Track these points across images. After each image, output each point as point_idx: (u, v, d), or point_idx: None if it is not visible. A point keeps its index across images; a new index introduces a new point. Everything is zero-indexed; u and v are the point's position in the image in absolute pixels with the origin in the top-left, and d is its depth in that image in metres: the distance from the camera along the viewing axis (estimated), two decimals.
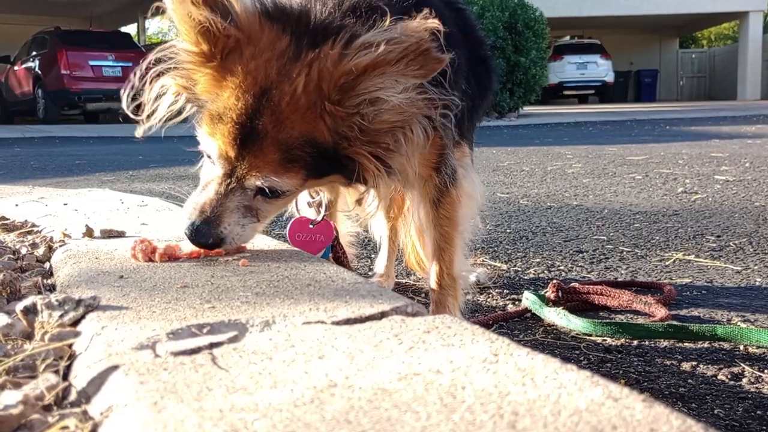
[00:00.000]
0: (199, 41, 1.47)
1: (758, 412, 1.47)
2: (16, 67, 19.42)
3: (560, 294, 2.19)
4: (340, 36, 1.43)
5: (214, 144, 1.52)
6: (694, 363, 1.75)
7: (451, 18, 1.74)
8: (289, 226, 1.92)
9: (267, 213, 1.59)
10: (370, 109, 1.42)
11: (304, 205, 1.96)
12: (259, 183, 1.49)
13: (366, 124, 1.44)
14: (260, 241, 1.83)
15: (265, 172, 1.47)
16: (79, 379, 0.98)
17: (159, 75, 1.58)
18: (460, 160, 1.95)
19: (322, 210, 1.91)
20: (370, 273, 2.61)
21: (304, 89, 1.42)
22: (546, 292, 2.21)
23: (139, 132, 1.65)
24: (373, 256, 2.85)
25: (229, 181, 1.52)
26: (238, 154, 1.48)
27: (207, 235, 1.52)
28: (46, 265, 1.80)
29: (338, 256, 1.98)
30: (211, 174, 1.57)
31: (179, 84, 1.58)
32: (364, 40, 1.39)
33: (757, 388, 1.59)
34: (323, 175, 1.54)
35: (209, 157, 1.58)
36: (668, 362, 1.76)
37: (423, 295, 2.39)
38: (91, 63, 17.37)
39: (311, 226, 1.91)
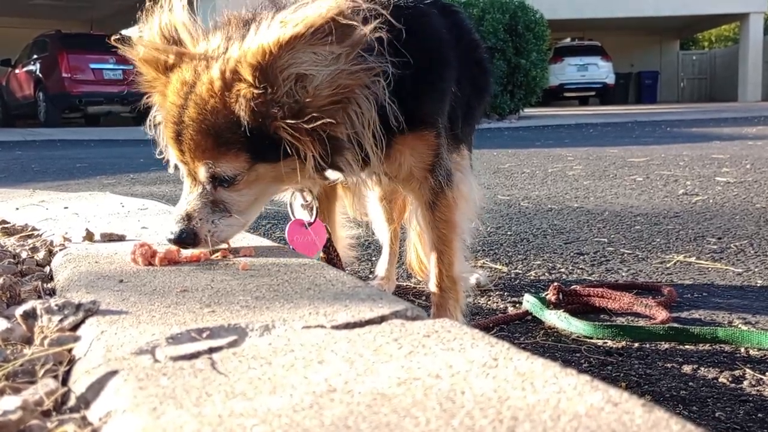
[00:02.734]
0: (148, 69, 1.64)
1: (759, 414, 1.47)
2: (17, 71, 19.43)
3: (561, 296, 2.18)
4: (264, 20, 1.49)
5: (169, 149, 1.65)
6: (695, 366, 1.75)
7: (443, 22, 1.74)
8: (287, 228, 1.93)
9: (235, 205, 1.62)
10: (297, 84, 1.45)
11: (298, 207, 1.97)
12: (204, 170, 1.56)
13: (299, 101, 1.46)
14: (260, 244, 1.83)
15: (204, 159, 1.55)
16: (79, 384, 0.97)
17: (155, 118, 1.76)
18: (458, 162, 1.96)
19: (314, 212, 1.92)
20: (370, 276, 2.61)
21: (221, 75, 1.49)
22: (546, 295, 2.21)
23: (171, 169, 1.79)
24: (373, 258, 2.84)
25: (190, 180, 1.62)
26: (181, 150, 1.58)
27: (180, 233, 1.59)
28: (46, 269, 1.80)
29: (331, 259, 1.98)
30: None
31: (159, 116, 1.72)
32: (277, 20, 1.44)
33: (758, 390, 1.59)
34: (275, 159, 1.54)
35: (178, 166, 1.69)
36: (669, 365, 1.76)
37: (424, 298, 2.39)
38: (92, 66, 17.39)
39: (306, 227, 1.92)
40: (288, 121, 1.46)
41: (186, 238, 1.59)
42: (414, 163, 1.74)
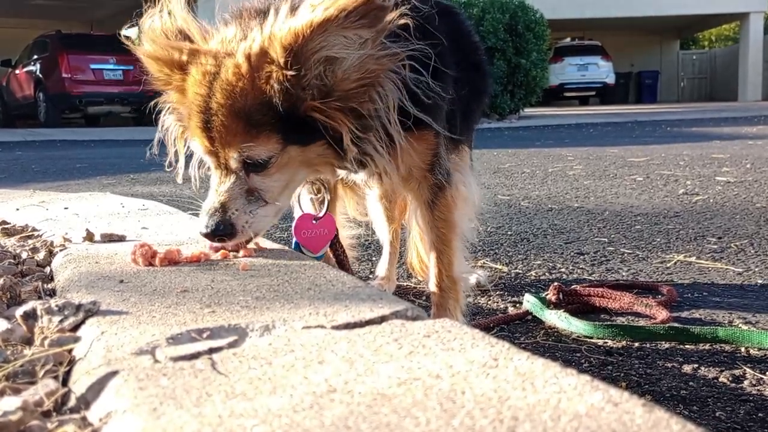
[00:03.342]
0: (160, 67, 1.62)
1: (760, 414, 1.47)
2: (17, 71, 19.44)
3: (561, 296, 2.18)
4: (282, 6, 1.49)
5: (196, 143, 1.61)
6: (696, 365, 1.75)
7: (442, 23, 1.74)
8: (294, 223, 1.93)
9: (269, 191, 1.60)
10: (327, 68, 1.46)
11: (306, 201, 1.97)
12: (237, 156, 1.54)
13: (328, 84, 1.47)
14: (260, 245, 1.82)
15: (236, 143, 1.52)
16: (79, 384, 0.97)
17: (164, 121, 1.77)
18: (457, 162, 1.96)
19: (325, 206, 1.92)
20: (370, 276, 2.61)
21: (247, 58, 1.48)
22: (547, 295, 2.21)
23: (179, 178, 1.81)
24: (373, 258, 2.84)
25: (220, 172, 1.59)
26: (211, 138, 1.55)
27: (217, 225, 1.56)
28: (47, 269, 1.80)
29: (338, 255, 1.98)
30: (212, 177, 1.64)
31: (174, 118, 1.72)
32: (306, 4, 1.44)
33: (758, 390, 1.59)
34: (305, 141, 1.54)
35: (204, 160, 1.66)
36: (669, 364, 1.76)
37: (424, 298, 2.39)
38: (92, 66, 17.40)
39: (314, 221, 1.93)
40: (319, 101, 1.47)
41: (223, 230, 1.56)
42: (413, 162, 1.74)
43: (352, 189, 2.09)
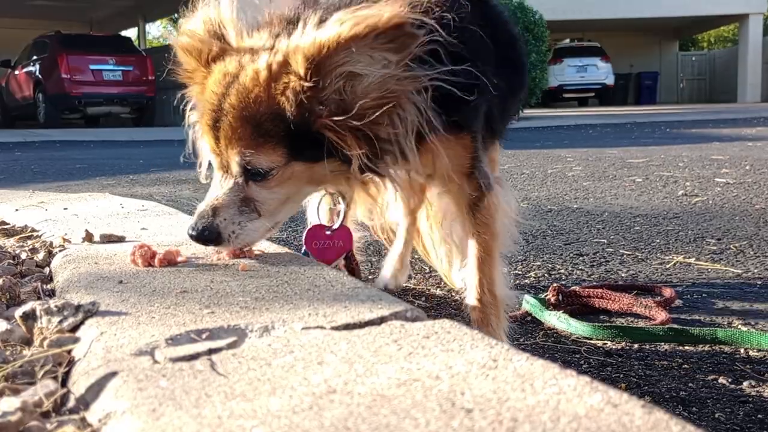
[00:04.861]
0: (189, 59, 1.61)
1: (759, 415, 1.47)
2: (16, 72, 19.45)
3: (560, 297, 2.18)
4: (310, 18, 1.47)
5: (204, 141, 1.61)
6: (695, 367, 1.75)
7: (470, 14, 1.63)
8: (305, 233, 1.91)
9: (266, 203, 1.56)
10: (347, 83, 1.43)
11: (324, 211, 1.95)
12: (238, 160, 1.51)
13: (346, 100, 1.44)
14: (260, 245, 1.82)
15: (239, 148, 1.50)
16: (78, 385, 0.97)
17: (190, 116, 1.75)
18: (494, 167, 1.92)
19: (341, 217, 1.89)
20: (370, 276, 2.61)
21: (268, 67, 1.47)
22: (546, 296, 2.21)
23: (202, 177, 1.78)
24: (373, 259, 2.85)
25: (222, 173, 1.57)
26: (217, 137, 1.54)
27: (203, 230, 1.53)
28: (46, 270, 1.80)
29: (351, 267, 1.95)
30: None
31: (197, 114, 1.69)
32: (335, 18, 1.42)
33: (757, 391, 1.59)
34: (314, 158, 1.52)
35: (210, 160, 1.64)
36: (669, 366, 1.76)
37: (423, 298, 2.39)
38: (92, 67, 17.41)
39: (328, 232, 1.90)
40: (334, 118, 1.44)
41: (208, 236, 1.54)
42: (451, 166, 1.67)
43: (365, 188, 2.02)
